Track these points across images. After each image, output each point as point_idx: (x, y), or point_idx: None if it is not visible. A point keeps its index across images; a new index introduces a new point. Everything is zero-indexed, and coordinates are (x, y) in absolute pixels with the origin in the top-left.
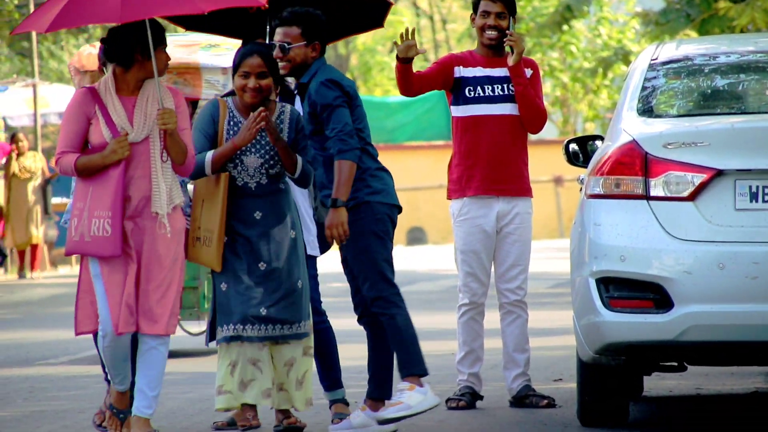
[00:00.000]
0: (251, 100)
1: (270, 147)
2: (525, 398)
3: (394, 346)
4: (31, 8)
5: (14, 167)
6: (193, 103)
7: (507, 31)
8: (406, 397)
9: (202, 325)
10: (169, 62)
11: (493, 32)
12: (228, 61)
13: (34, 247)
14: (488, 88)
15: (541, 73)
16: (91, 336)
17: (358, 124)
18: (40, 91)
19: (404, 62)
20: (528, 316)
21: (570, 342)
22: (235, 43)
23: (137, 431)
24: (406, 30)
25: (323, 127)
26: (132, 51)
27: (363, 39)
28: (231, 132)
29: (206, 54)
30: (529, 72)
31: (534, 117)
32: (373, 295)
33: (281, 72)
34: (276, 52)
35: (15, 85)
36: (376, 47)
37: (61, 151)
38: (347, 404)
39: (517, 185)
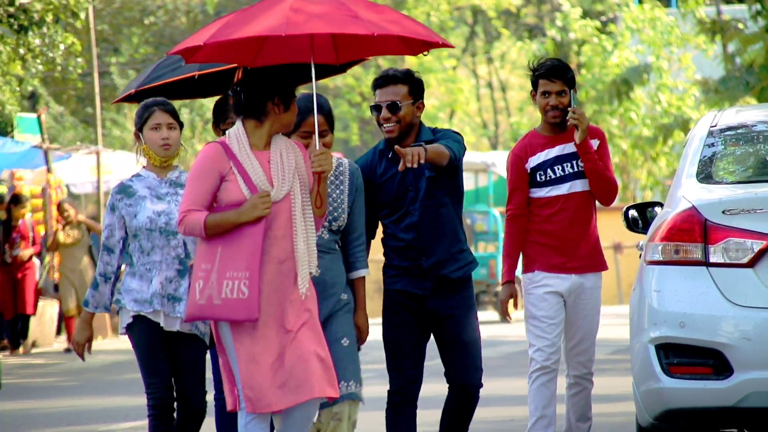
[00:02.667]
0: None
1: (333, 199)
2: None
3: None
4: (95, 76)
5: (60, 237)
6: None
7: (569, 108)
8: None
9: None
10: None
11: (556, 111)
12: None
13: None
14: (558, 169)
15: None
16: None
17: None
18: (103, 158)
19: None
20: (593, 385)
21: (629, 408)
22: None
23: None
24: None
25: (453, 182)
26: (266, 101)
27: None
28: None
29: None
30: (596, 143)
31: (606, 190)
32: (474, 383)
33: (389, 135)
34: (384, 114)
35: (78, 153)
36: (437, 114)
37: (187, 209)
38: None
39: (589, 261)
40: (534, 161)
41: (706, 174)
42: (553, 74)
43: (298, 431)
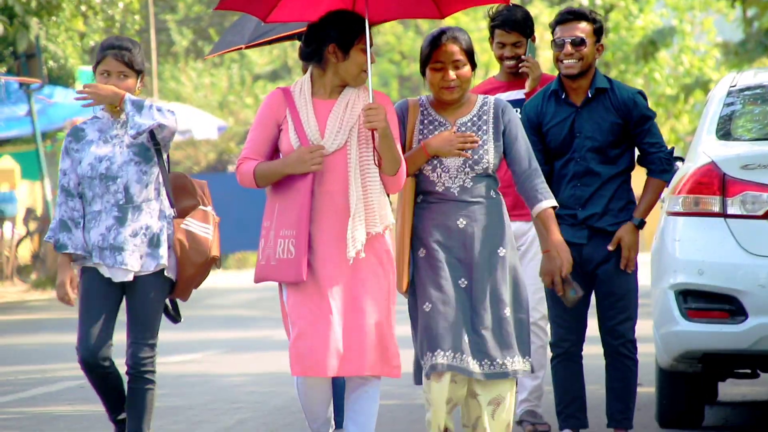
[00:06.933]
0: (449, 96)
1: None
2: (519, 423)
3: (625, 393)
4: (152, 32)
5: None
6: None
7: (523, 56)
8: None
9: None
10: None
11: (511, 62)
12: None
13: None
14: None
15: None
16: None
17: None
18: None
19: None
20: (543, 342)
21: (649, 350)
22: None
23: None
24: None
25: (632, 140)
26: (322, 47)
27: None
28: (425, 132)
29: None
30: None
31: None
32: (631, 337)
33: (568, 71)
34: (567, 49)
35: None
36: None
37: (243, 158)
38: None
39: None
40: None
41: (725, 131)
42: (509, 25)
43: (364, 407)
